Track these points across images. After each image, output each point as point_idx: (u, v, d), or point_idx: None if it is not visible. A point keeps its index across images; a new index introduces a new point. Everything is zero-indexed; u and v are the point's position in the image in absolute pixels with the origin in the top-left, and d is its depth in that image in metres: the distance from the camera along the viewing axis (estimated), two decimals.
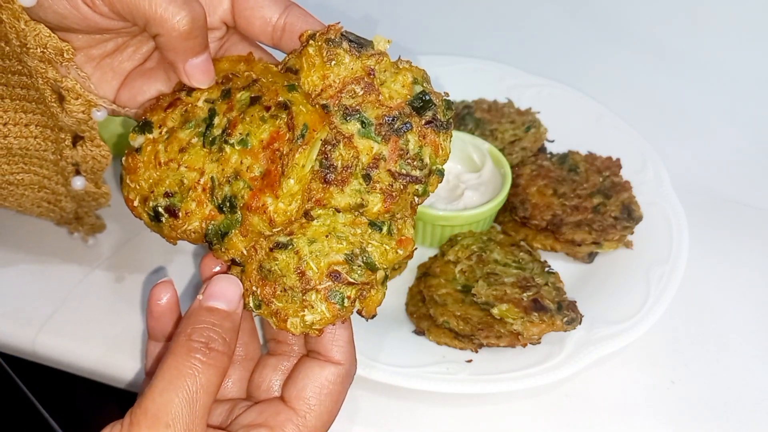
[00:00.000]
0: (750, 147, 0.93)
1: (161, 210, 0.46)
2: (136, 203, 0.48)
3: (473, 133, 0.83)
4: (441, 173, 0.46)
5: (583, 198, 0.76)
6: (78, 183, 0.59)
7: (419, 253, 0.61)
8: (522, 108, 0.88)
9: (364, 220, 0.45)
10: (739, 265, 0.77)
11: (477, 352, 0.64)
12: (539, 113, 0.87)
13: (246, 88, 0.46)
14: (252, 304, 0.45)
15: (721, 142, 0.94)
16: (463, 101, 0.90)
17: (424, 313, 0.67)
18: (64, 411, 0.68)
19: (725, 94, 1.02)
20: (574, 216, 0.74)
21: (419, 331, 0.67)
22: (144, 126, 0.48)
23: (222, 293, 0.44)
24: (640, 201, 0.76)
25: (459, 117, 0.87)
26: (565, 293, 0.68)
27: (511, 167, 0.78)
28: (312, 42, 0.45)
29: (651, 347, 0.68)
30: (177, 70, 0.47)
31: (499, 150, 0.80)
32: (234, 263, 0.46)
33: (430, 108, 0.45)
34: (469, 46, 1.10)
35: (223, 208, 0.44)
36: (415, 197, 0.46)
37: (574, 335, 0.65)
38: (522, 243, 0.74)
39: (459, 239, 0.73)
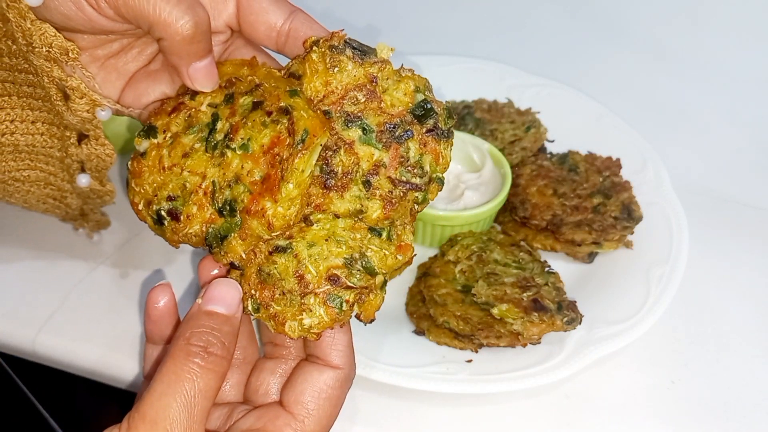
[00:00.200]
0: (750, 147, 0.93)
1: (164, 213, 0.47)
2: (140, 207, 0.48)
3: (473, 133, 0.83)
4: (441, 181, 0.46)
5: (583, 198, 0.76)
6: (83, 180, 0.59)
7: (419, 253, 0.60)
8: (522, 108, 0.88)
9: (363, 225, 0.45)
10: (739, 265, 0.77)
11: (477, 352, 0.64)
12: (539, 113, 0.87)
13: (249, 92, 0.46)
14: (250, 307, 0.45)
15: (721, 142, 0.94)
16: (463, 101, 0.90)
17: (424, 313, 0.67)
18: (64, 411, 0.68)
19: (725, 94, 1.02)
20: (574, 216, 0.74)
21: (419, 331, 0.67)
22: (149, 131, 0.48)
23: (221, 297, 0.44)
24: (640, 201, 0.76)
25: (459, 117, 0.87)
26: (565, 293, 0.68)
27: (511, 167, 0.78)
28: (316, 48, 0.45)
29: (651, 347, 0.68)
30: (181, 73, 0.47)
31: (499, 150, 0.80)
32: (233, 267, 0.46)
33: (431, 116, 0.45)
34: (469, 46, 1.10)
35: (223, 211, 0.45)
36: (415, 204, 0.46)
37: (574, 335, 0.65)
38: (522, 243, 0.74)
39: (459, 239, 0.73)
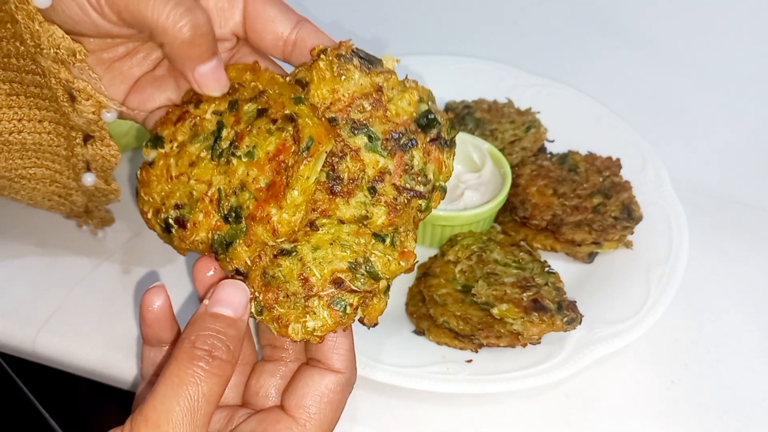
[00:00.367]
0: (750, 147, 0.93)
1: (171, 221, 0.47)
2: (149, 215, 0.49)
3: (473, 133, 0.83)
4: (444, 190, 0.47)
5: (583, 198, 0.76)
6: (88, 179, 0.60)
7: (419, 253, 0.60)
8: (522, 108, 0.88)
9: (367, 231, 0.45)
10: (739, 265, 0.77)
11: (477, 352, 0.64)
12: (539, 113, 0.87)
13: (253, 99, 0.47)
14: (254, 309, 0.45)
15: (721, 141, 0.94)
16: (463, 101, 0.90)
17: (424, 313, 0.67)
18: (64, 411, 0.68)
19: (725, 94, 1.02)
20: (574, 216, 0.74)
21: (419, 331, 0.67)
22: (155, 141, 0.49)
23: (229, 299, 0.44)
24: (640, 201, 0.76)
25: (459, 117, 0.87)
26: (565, 293, 0.68)
27: (511, 167, 0.78)
28: (323, 56, 0.46)
29: (651, 347, 0.68)
30: (187, 79, 0.47)
31: (499, 150, 0.80)
32: (238, 273, 0.46)
33: (435, 126, 0.45)
34: (469, 46, 1.10)
35: (229, 218, 0.45)
36: (418, 212, 0.47)
37: (574, 335, 0.65)
38: (522, 243, 0.74)
39: (459, 239, 0.73)
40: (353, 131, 0.45)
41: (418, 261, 0.48)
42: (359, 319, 0.46)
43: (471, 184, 0.77)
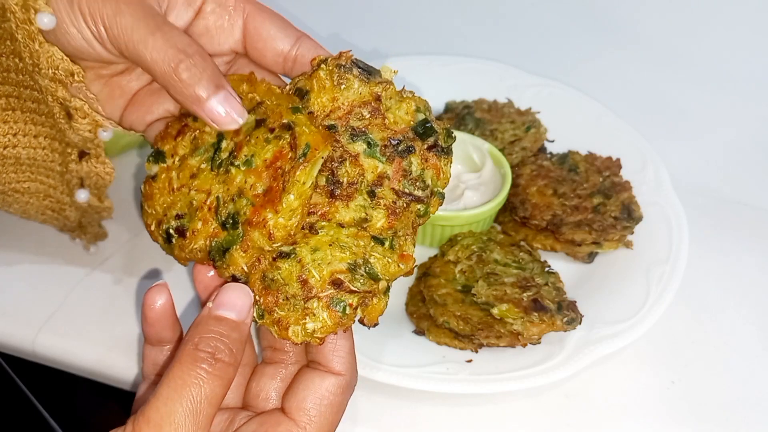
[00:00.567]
0: (750, 147, 0.93)
1: (172, 231, 0.48)
2: (152, 228, 0.49)
3: (473, 133, 0.83)
4: (442, 196, 0.48)
5: (583, 198, 0.76)
6: (82, 196, 0.61)
7: (419, 253, 0.61)
8: (522, 108, 0.88)
9: (366, 234, 0.45)
10: (739, 265, 0.77)
11: (477, 352, 0.64)
12: (539, 113, 0.87)
13: (251, 111, 0.47)
14: (255, 313, 0.45)
15: (721, 142, 0.94)
16: (463, 101, 0.90)
17: (424, 313, 0.67)
18: (64, 411, 0.68)
19: (725, 94, 1.02)
20: (574, 216, 0.74)
21: (419, 331, 0.67)
22: (157, 156, 0.50)
23: (232, 302, 0.44)
24: (640, 201, 0.76)
25: (459, 117, 0.87)
26: (565, 293, 0.68)
27: (511, 167, 0.78)
28: (323, 66, 0.47)
29: (651, 347, 0.68)
30: (200, 117, 0.47)
31: (499, 150, 0.80)
32: (234, 280, 0.46)
33: (432, 134, 0.46)
34: (469, 46, 1.10)
35: (226, 224, 0.45)
36: (417, 217, 0.47)
37: (574, 335, 0.65)
38: (522, 243, 0.74)
39: (459, 239, 0.73)
40: (352, 138, 0.46)
41: (417, 265, 0.48)
42: (359, 320, 0.46)
43: (471, 184, 0.77)
